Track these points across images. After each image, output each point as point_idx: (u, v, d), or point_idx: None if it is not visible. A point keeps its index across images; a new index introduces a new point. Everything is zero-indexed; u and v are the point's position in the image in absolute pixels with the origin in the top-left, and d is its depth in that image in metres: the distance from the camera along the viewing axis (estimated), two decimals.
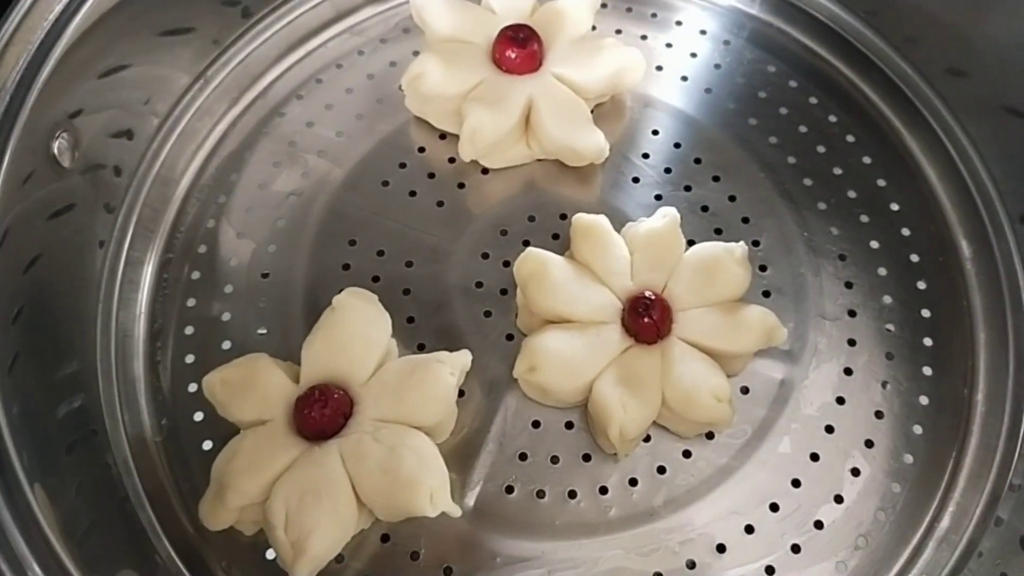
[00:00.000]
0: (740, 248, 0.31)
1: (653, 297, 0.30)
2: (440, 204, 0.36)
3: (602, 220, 0.32)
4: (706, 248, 0.32)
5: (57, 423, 0.29)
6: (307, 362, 0.30)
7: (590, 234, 0.32)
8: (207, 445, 0.32)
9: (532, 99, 0.35)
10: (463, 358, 0.30)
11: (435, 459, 0.28)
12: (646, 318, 0.30)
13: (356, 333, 0.30)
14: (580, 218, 0.33)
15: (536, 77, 0.35)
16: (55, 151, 0.29)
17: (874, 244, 0.35)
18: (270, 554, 0.30)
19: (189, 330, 0.34)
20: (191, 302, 0.34)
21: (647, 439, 0.31)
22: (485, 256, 0.35)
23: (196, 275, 0.35)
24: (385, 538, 0.30)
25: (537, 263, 0.31)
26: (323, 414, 0.28)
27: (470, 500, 0.30)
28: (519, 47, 0.35)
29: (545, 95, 0.35)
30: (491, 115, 0.34)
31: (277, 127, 0.38)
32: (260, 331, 0.34)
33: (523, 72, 0.35)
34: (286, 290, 0.34)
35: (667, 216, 0.32)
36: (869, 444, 0.31)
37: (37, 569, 0.23)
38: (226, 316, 0.34)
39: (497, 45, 0.35)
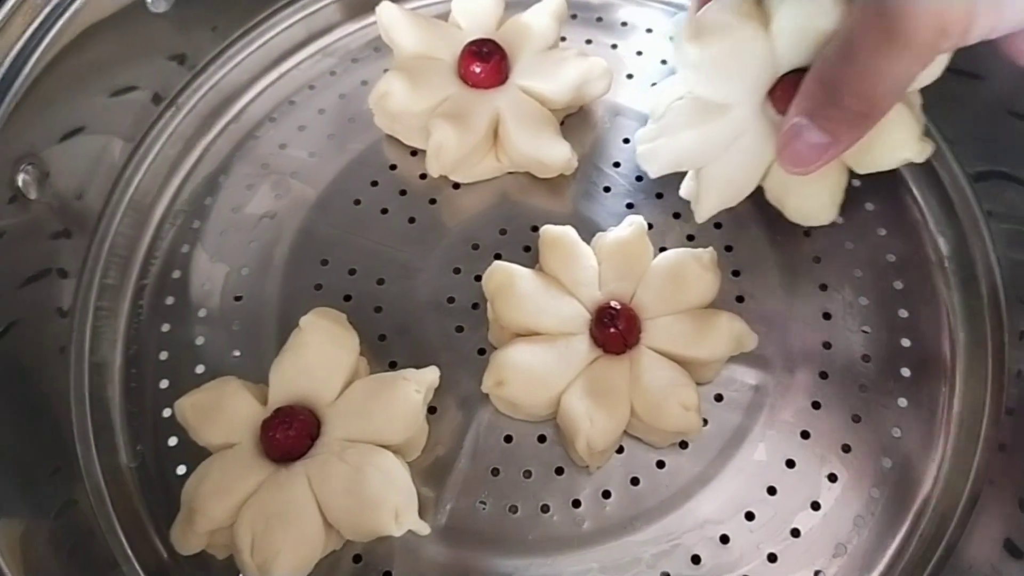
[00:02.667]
0: (707, 253, 0.31)
1: (619, 307, 0.30)
2: (412, 220, 0.36)
3: (569, 231, 0.32)
4: (673, 255, 0.32)
5: (29, 454, 0.29)
6: (274, 384, 0.30)
7: (557, 245, 0.32)
8: (181, 470, 0.32)
9: (499, 113, 0.35)
10: (430, 375, 0.30)
11: (401, 477, 0.28)
12: (612, 328, 0.30)
13: (322, 353, 0.30)
14: (547, 230, 0.32)
15: (502, 91, 0.35)
16: (20, 183, 0.30)
17: (849, 245, 0.35)
18: None
19: (164, 355, 0.34)
20: (166, 327, 0.35)
21: (620, 450, 0.31)
22: (457, 271, 0.35)
23: (171, 300, 0.35)
24: (357, 559, 0.30)
25: (504, 276, 0.31)
26: (287, 436, 0.28)
27: (442, 518, 0.30)
28: (483, 61, 0.35)
29: (511, 108, 0.35)
30: (456, 130, 0.34)
31: (251, 150, 0.38)
32: (235, 354, 0.34)
33: (489, 86, 0.35)
34: (259, 312, 0.34)
35: (633, 224, 0.32)
36: (846, 449, 0.31)
37: None
38: (200, 340, 0.34)
39: (462, 60, 0.35)
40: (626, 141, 0.38)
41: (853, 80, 0.26)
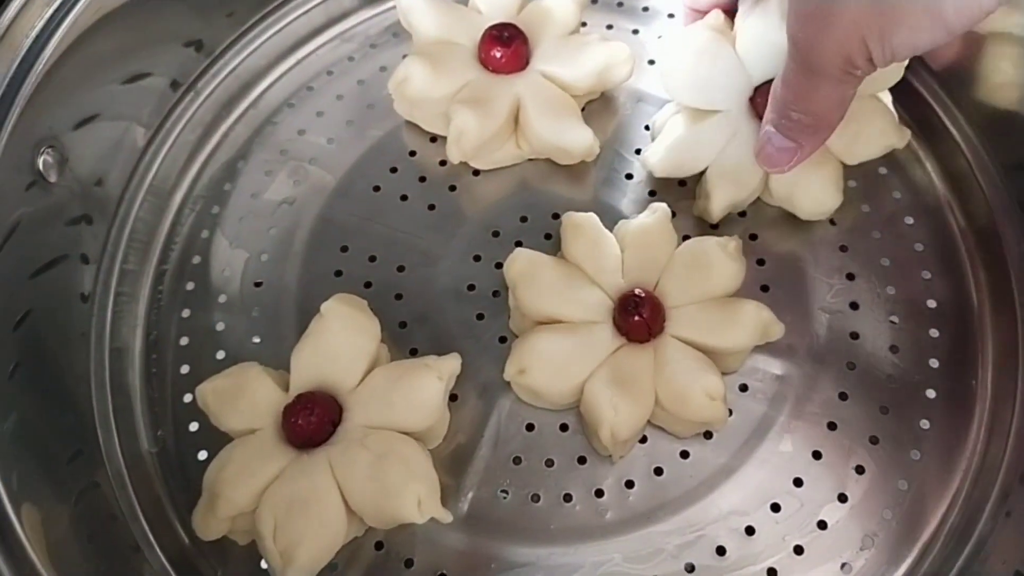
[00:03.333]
0: (733, 241, 0.31)
1: (643, 295, 0.30)
2: (431, 207, 0.36)
3: (592, 218, 0.32)
4: (698, 243, 0.31)
5: (51, 439, 0.29)
6: (296, 370, 0.30)
7: (580, 233, 0.32)
8: (202, 455, 0.32)
9: (519, 98, 0.34)
10: (452, 362, 0.29)
11: (423, 465, 0.28)
12: (636, 316, 0.29)
13: (344, 340, 0.30)
14: (570, 216, 0.32)
15: (523, 76, 0.35)
16: (40, 166, 0.30)
17: (876, 235, 0.34)
18: (264, 563, 0.29)
19: (184, 341, 0.34)
20: (186, 313, 0.34)
21: (643, 440, 0.31)
22: (477, 258, 0.34)
23: (191, 286, 0.35)
24: (379, 546, 0.30)
25: (526, 264, 0.31)
26: (310, 422, 0.28)
27: (464, 506, 0.30)
28: (504, 46, 0.34)
29: (532, 94, 0.34)
30: (477, 116, 0.34)
31: (269, 136, 0.38)
32: (254, 340, 0.34)
33: (509, 71, 0.35)
34: (279, 298, 0.34)
35: (657, 212, 0.32)
36: (874, 441, 0.31)
37: None
38: (220, 326, 0.34)
39: (482, 45, 0.35)
40: (648, 128, 0.37)
41: (793, 101, 0.28)
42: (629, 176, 0.36)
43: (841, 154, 0.33)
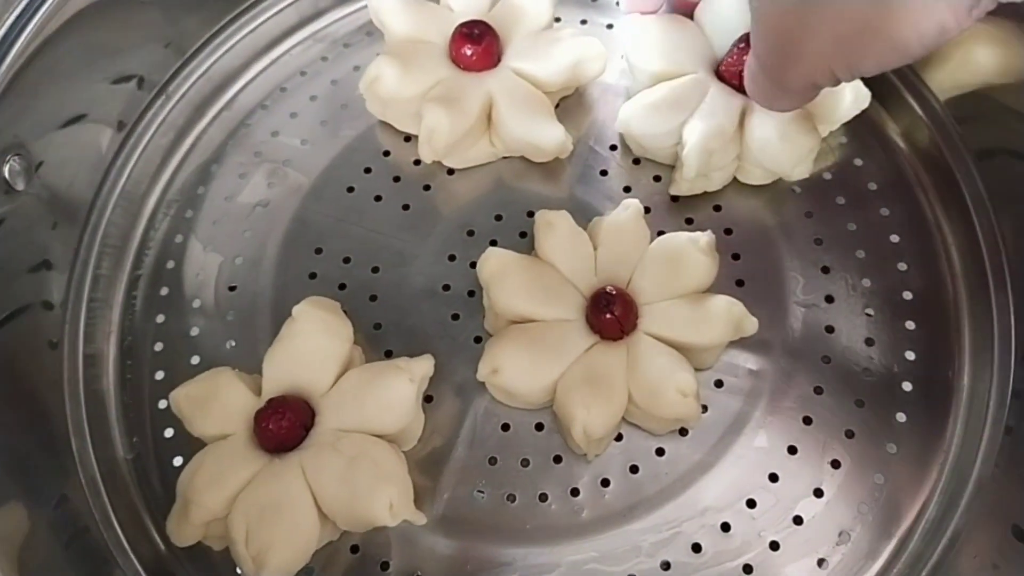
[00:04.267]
0: (705, 237, 0.31)
1: (614, 292, 0.29)
2: (406, 207, 0.36)
3: (564, 216, 0.32)
4: (670, 239, 0.31)
5: (24, 447, 0.29)
6: (268, 374, 0.29)
7: (553, 231, 0.31)
8: (177, 461, 0.31)
9: (491, 96, 0.34)
10: (424, 364, 0.29)
11: (395, 467, 0.28)
12: (608, 314, 0.29)
13: (316, 343, 0.29)
14: (542, 215, 0.32)
15: (494, 73, 0.35)
16: (6, 174, 0.29)
17: (851, 226, 0.34)
18: (239, 569, 0.29)
19: (159, 346, 0.34)
20: (160, 318, 0.34)
21: (619, 438, 0.31)
22: (452, 258, 0.34)
23: (165, 291, 0.35)
24: (355, 549, 0.30)
25: (498, 263, 0.31)
26: (280, 426, 0.28)
27: (440, 507, 0.30)
28: (474, 43, 0.34)
29: (504, 91, 0.34)
30: (449, 114, 0.33)
31: (243, 138, 0.38)
32: (229, 344, 0.33)
33: (481, 69, 0.35)
34: (253, 302, 0.34)
35: (629, 208, 0.31)
36: (849, 435, 0.30)
37: None
38: (195, 331, 0.34)
39: (453, 43, 0.35)
40: None
41: (758, 96, 0.30)
42: (604, 173, 0.36)
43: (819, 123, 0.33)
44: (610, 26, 0.39)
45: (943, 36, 0.23)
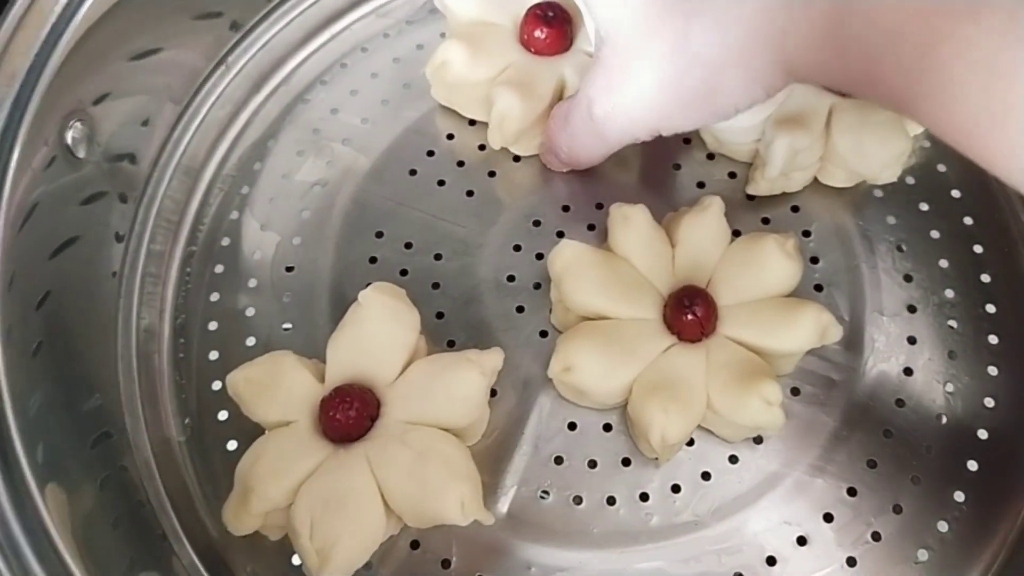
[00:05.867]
0: (791, 239, 0.29)
1: (697, 292, 0.28)
2: (470, 194, 0.34)
3: (641, 210, 0.31)
4: (753, 239, 0.30)
5: (76, 421, 0.28)
6: (332, 361, 0.28)
7: (629, 225, 0.30)
8: (232, 445, 0.30)
9: (564, 81, 0.33)
10: (495, 357, 0.28)
11: (466, 464, 0.27)
12: (689, 315, 0.28)
13: (382, 330, 0.28)
14: (618, 208, 0.31)
15: (567, 57, 0.33)
16: (68, 140, 0.28)
17: (935, 234, 0.33)
18: (296, 560, 0.28)
19: (213, 326, 0.33)
20: (215, 296, 0.33)
21: (690, 443, 0.30)
22: (517, 248, 0.33)
23: (219, 269, 0.34)
24: (415, 545, 0.29)
25: (572, 256, 0.30)
26: (348, 416, 0.27)
27: (503, 506, 0.29)
28: (548, 26, 0.33)
29: (577, 76, 0.33)
30: (520, 99, 0.32)
31: (301, 114, 0.37)
32: (285, 327, 0.32)
33: (553, 53, 0.33)
34: (311, 284, 0.33)
35: (710, 205, 0.30)
36: (929, 450, 0.29)
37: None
38: (250, 311, 0.33)
39: (525, 25, 0.33)
40: None
41: (566, 141, 0.32)
42: (677, 166, 0.35)
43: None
44: None
45: (754, 105, 0.26)
